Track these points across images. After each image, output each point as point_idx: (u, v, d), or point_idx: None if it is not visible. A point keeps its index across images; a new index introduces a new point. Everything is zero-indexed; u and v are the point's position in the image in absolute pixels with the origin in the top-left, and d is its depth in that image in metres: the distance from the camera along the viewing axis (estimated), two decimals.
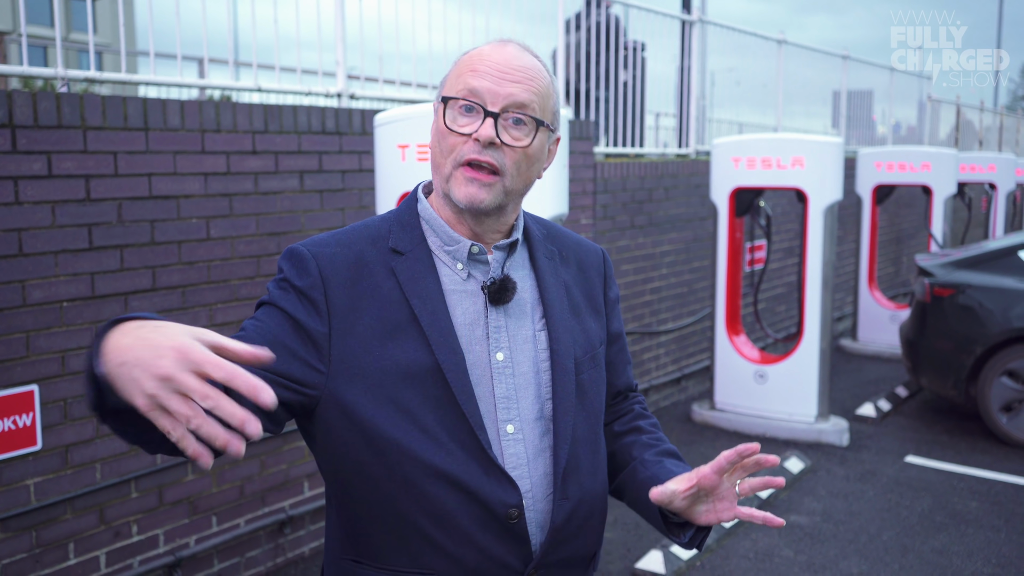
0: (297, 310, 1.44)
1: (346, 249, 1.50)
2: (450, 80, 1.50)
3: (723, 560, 4.58)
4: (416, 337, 1.46)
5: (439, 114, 1.49)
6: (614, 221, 6.56)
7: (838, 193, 6.34)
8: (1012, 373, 6.39)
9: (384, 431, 1.43)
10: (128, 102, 3.63)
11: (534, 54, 1.52)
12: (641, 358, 7.00)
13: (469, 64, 1.48)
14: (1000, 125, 18.93)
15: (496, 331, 1.51)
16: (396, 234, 1.53)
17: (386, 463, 1.44)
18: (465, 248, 1.52)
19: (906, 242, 12.44)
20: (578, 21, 7.20)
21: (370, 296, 1.47)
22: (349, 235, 1.54)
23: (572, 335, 1.58)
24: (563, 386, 1.54)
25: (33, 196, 3.37)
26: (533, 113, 1.47)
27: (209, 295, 3.98)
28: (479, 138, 1.44)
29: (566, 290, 1.62)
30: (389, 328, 1.46)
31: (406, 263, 1.50)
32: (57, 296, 3.47)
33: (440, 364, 1.45)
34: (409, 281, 1.48)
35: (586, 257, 1.71)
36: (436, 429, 1.44)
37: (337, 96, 4.86)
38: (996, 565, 4.55)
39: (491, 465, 1.46)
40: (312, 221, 4.36)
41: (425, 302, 1.47)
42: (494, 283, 1.51)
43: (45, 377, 3.46)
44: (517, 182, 1.49)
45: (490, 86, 1.44)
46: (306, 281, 1.46)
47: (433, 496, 1.44)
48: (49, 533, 3.51)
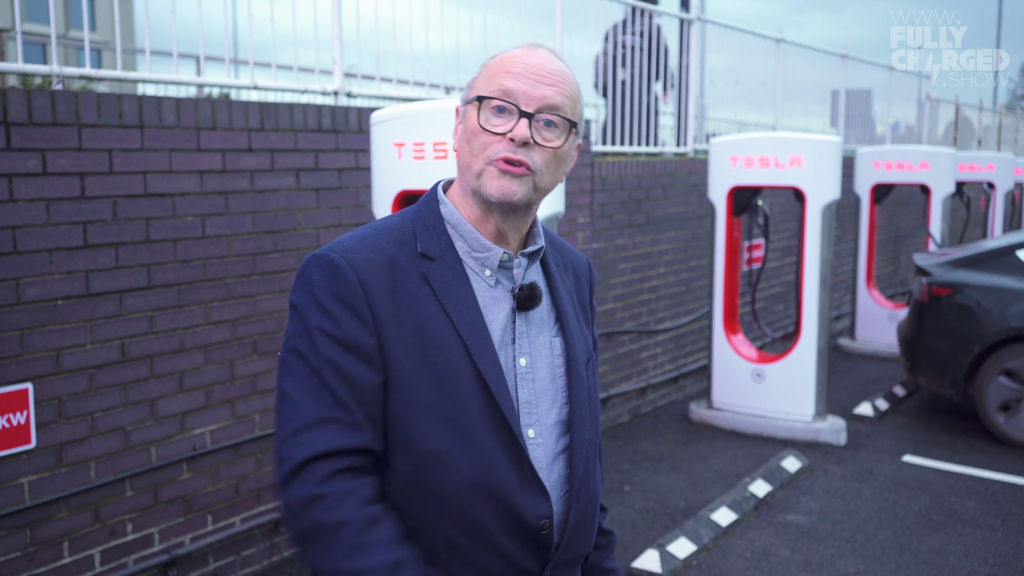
0: (345, 329, 1.42)
1: (379, 254, 1.48)
2: (482, 81, 1.51)
3: (719, 559, 4.57)
4: (456, 345, 1.46)
5: (471, 113, 1.50)
6: (612, 220, 6.55)
7: (836, 192, 6.33)
8: (1009, 372, 6.39)
9: (427, 442, 1.44)
10: (123, 99, 3.62)
11: (562, 59, 1.55)
12: (639, 357, 6.99)
13: (503, 66, 1.49)
14: (999, 124, 18.93)
15: (520, 337, 1.54)
16: (423, 238, 1.52)
17: (424, 474, 1.45)
18: (496, 256, 1.53)
19: (905, 241, 12.44)
20: (624, 27, 7.57)
21: (407, 302, 1.47)
22: (376, 239, 1.51)
23: (581, 342, 1.62)
24: (579, 392, 1.57)
25: (27, 194, 3.36)
26: (565, 115, 1.50)
27: (205, 293, 3.97)
28: (515, 137, 1.45)
29: (571, 297, 1.66)
30: (428, 336, 1.46)
31: (438, 269, 1.50)
32: (51, 294, 3.46)
33: (482, 372, 1.46)
34: (443, 289, 1.48)
35: (579, 265, 1.75)
36: (478, 437, 1.45)
37: (334, 94, 4.85)
38: (993, 565, 4.54)
39: (528, 473, 1.48)
40: (308, 219, 4.35)
41: (461, 310, 1.48)
42: (523, 290, 1.53)
43: (39, 375, 3.45)
44: (546, 181, 1.51)
45: (525, 88, 1.46)
46: (347, 290, 1.43)
47: (469, 508, 1.45)
48: (43, 531, 3.50)
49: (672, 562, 4.41)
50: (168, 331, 3.86)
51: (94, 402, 3.63)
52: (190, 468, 3.99)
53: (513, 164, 1.46)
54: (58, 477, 3.54)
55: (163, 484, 3.90)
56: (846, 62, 11.41)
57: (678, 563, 4.42)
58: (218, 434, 4.09)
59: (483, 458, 1.45)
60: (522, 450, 1.47)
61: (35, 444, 3.45)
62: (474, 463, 1.44)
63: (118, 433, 3.73)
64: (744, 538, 4.83)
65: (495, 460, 1.45)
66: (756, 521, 5.05)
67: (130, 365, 3.74)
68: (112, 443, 3.71)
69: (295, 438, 1.39)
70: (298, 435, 1.39)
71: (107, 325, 3.64)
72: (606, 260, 6.51)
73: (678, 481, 5.63)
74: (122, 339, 3.70)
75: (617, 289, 6.67)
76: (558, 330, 1.59)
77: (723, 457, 6.10)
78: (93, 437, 3.65)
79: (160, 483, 3.89)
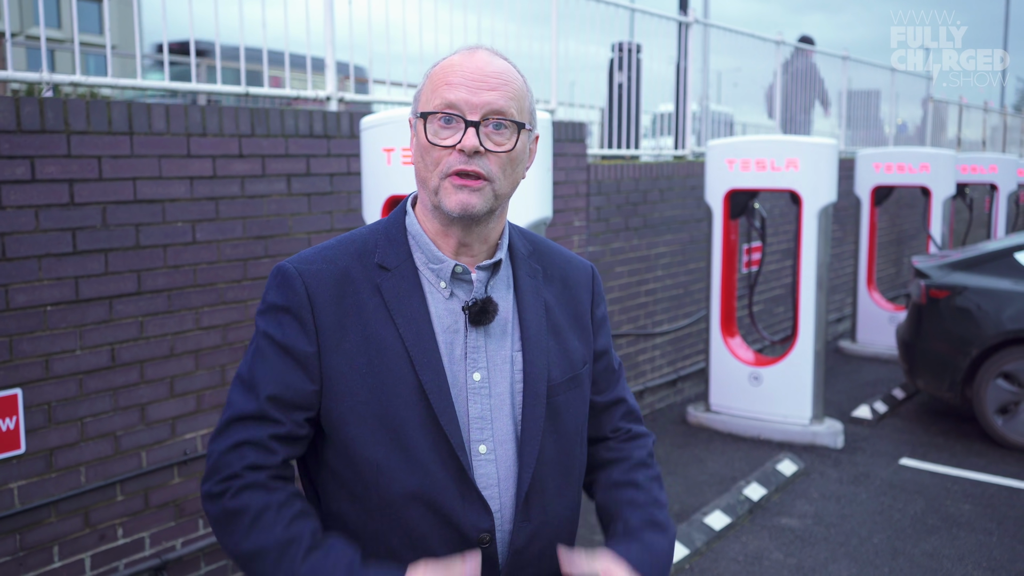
0: (286, 335, 1.48)
1: (331, 265, 1.51)
2: (425, 95, 1.50)
3: (712, 563, 4.57)
4: (400, 356, 1.47)
5: (419, 129, 1.49)
6: (608, 223, 6.55)
7: (832, 195, 6.32)
8: (1008, 375, 6.37)
9: (365, 450, 1.45)
10: (112, 106, 3.64)
11: (503, 57, 1.53)
12: (636, 360, 6.99)
13: (442, 77, 1.48)
14: (1004, 125, 18.86)
15: (474, 351, 1.52)
16: (383, 249, 1.54)
17: (364, 482, 1.46)
18: (448, 268, 1.53)
19: (907, 243, 12.40)
20: (786, 66, 10.08)
21: (356, 313, 1.48)
22: (335, 250, 1.55)
23: (548, 357, 1.57)
24: (532, 409, 1.53)
25: (16, 200, 3.38)
26: (512, 117, 1.47)
27: (195, 299, 3.99)
28: (463, 148, 1.44)
29: (546, 309, 1.60)
30: (374, 346, 1.47)
31: (392, 280, 1.51)
32: (41, 300, 3.47)
33: (423, 385, 1.46)
34: (394, 299, 1.50)
35: (574, 274, 1.69)
36: (417, 449, 1.45)
37: (326, 99, 4.86)
38: (987, 569, 4.53)
39: (468, 487, 1.47)
40: (300, 224, 4.36)
41: (410, 321, 1.49)
42: (475, 304, 1.51)
43: (29, 381, 3.47)
44: (504, 185, 1.50)
45: (466, 96, 1.45)
46: (292, 300, 1.49)
47: (408, 518, 1.46)
48: (33, 536, 3.52)
49: None
50: (159, 336, 3.88)
51: (84, 407, 3.65)
52: (181, 473, 4.00)
53: (468, 177, 1.45)
54: (48, 482, 3.56)
55: (154, 489, 3.91)
56: (847, 63, 11.38)
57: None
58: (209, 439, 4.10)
59: (420, 469, 1.45)
60: (460, 463, 1.46)
61: (25, 449, 3.47)
62: (411, 473, 1.45)
63: (108, 438, 3.74)
64: (737, 542, 4.82)
65: (433, 471, 1.45)
66: (750, 525, 5.04)
67: (120, 370, 3.76)
68: (102, 448, 3.72)
69: (225, 431, 1.49)
70: (227, 428, 1.49)
71: (97, 331, 3.66)
72: (603, 264, 6.51)
73: (673, 484, 5.63)
74: (112, 344, 3.72)
75: (614, 292, 6.66)
76: (520, 345, 1.56)
77: (719, 460, 6.09)
78: (83, 442, 3.66)
79: (151, 488, 3.90)
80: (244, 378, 1.51)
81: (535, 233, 1.71)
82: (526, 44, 6.37)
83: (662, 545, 1.58)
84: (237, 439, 1.46)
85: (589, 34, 6.86)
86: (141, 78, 4.20)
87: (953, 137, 15.58)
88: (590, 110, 7.84)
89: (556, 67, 6.43)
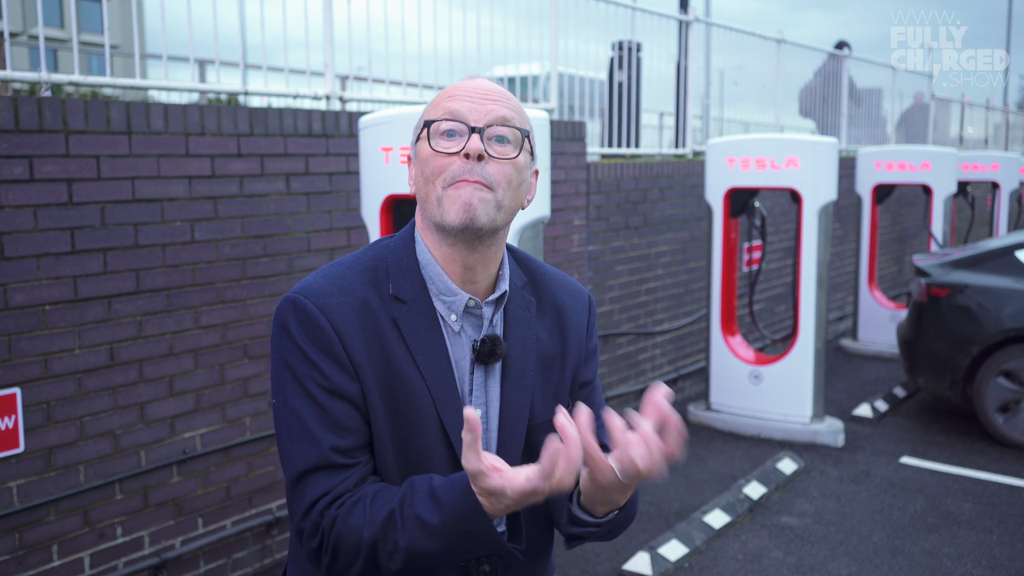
0: (329, 378, 1.42)
1: (350, 297, 1.46)
2: (428, 111, 1.50)
3: (711, 561, 4.57)
4: (423, 393, 1.45)
5: (422, 144, 1.48)
6: (608, 222, 6.55)
7: (832, 193, 6.31)
8: (1008, 373, 6.36)
9: (391, 482, 1.46)
10: (111, 106, 3.64)
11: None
12: (636, 359, 6.99)
13: (446, 93, 1.50)
14: (1007, 123, 18.83)
15: (478, 388, 1.52)
16: (396, 279, 1.49)
17: None
18: (462, 302, 1.50)
19: (909, 241, 12.39)
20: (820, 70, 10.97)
21: (379, 346, 1.45)
22: (348, 279, 1.48)
23: (532, 394, 1.56)
24: (508, 450, 1.53)
25: (14, 200, 3.38)
26: (515, 124, 1.47)
27: (194, 298, 3.99)
28: (468, 152, 1.42)
29: (537, 343, 1.58)
30: (398, 381, 1.45)
31: (409, 314, 1.47)
32: (39, 299, 3.48)
33: (444, 424, 1.46)
34: (412, 334, 1.46)
35: (570, 303, 1.65)
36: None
37: (326, 98, 4.87)
38: (987, 567, 4.52)
39: None
40: (299, 224, 4.37)
41: (430, 358, 1.46)
42: (484, 343, 1.49)
43: (27, 380, 3.47)
44: (508, 197, 1.46)
45: (471, 105, 1.46)
46: (322, 337, 1.42)
47: None
48: (32, 535, 3.52)
49: (663, 564, 4.41)
50: (157, 335, 3.88)
51: (83, 406, 3.66)
52: (180, 471, 4.01)
53: (471, 182, 1.44)
54: (47, 481, 3.57)
55: (153, 487, 3.92)
56: (848, 62, 11.36)
57: (669, 565, 4.42)
58: (208, 437, 4.11)
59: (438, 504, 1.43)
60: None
61: (23, 448, 3.48)
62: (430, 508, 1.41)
63: (107, 437, 3.75)
64: (737, 540, 4.82)
65: None
66: (750, 523, 5.04)
67: (119, 369, 3.76)
68: (102, 447, 3.73)
69: (296, 490, 1.44)
70: (296, 485, 1.44)
71: (96, 330, 3.67)
72: (602, 262, 6.51)
73: (673, 483, 5.63)
74: (111, 344, 3.72)
75: (614, 291, 6.66)
76: (501, 383, 1.55)
77: (720, 459, 6.09)
78: (82, 441, 3.67)
79: (150, 486, 3.91)
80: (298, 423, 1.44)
81: (530, 256, 1.67)
82: (526, 43, 6.36)
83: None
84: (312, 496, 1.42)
85: (589, 33, 6.86)
86: (140, 77, 4.20)
87: (955, 135, 15.55)
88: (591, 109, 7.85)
89: (556, 65, 6.42)
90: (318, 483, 1.41)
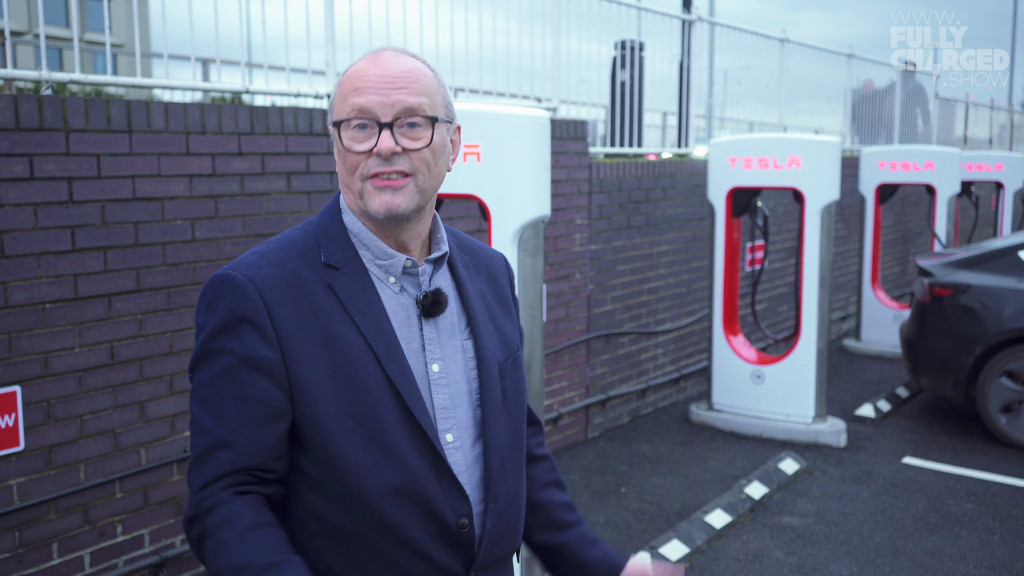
0: (247, 346, 1.44)
1: (280, 268, 1.48)
2: (336, 104, 1.51)
3: (713, 561, 4.56)
4: (365, 354, 1.47)
5: (335, 137, 1.50)
6: (610, 221, 6.54)
7: (835, 193, 6.30)
8: (1011, 374, 6.34)
9: (344, 452, 1.44)
10: (111, 104, 3.65)
11: (411, 54, 1.54)
12: (639, 358, 6.98)
13: (351, 84, 1.49)
14: (1011, 123, 18.78)
15: (430, 343, 1.54)
16: (327, 248, 1.52)
17: (344, 484, 1.45)
18: (400, 263, 1.54)
19: (912, 241, 12.36)
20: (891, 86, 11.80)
21: (312, 314, 1.47)
22: (277, 253, 1.51)
23: (494, 342, 1.62)
24: (490, 393, 1.57)
25: (15, 198, 3.39)
26: (424, 113, 1.49)
27: (194, 296, 3.99)
28: (380, 152, 1.45)
29: (483, 298, 1.66)
30: (337, 346, 1.46)
31: (343, 278, 1.50)
32: (39, 298, 3.48)
33: (392, 379, 1.47)
34: (349, 297, 1.49)
35: (493, 263, 1.75)
36: (395, 444, 1.46)
37: (327, 96, 4.86)
38: (989, 568, 4.51)
39: (446, 475, 1.50)
40: (299, 222, 4.36)
41: (368, 318, 1.48)
42: (427, 297, 1.54)
43: (28, 378, 3.48)
44: (428, 180, 1.51)
45: (377, 99, 1.46)
46: (248, 307, 1.44)
47: (390, 513, 1.46)
48: (32, 533, 3.53)
49: None
50: (158, 334, 3.88)
51: (83, 404, 3.66)
52: (181, 470, 4.01)
53: (389, 178, 1.47)
54: (47, 479, 3.57)
55: (153, 486, 3.92)
56: (852, 61, 11.35)
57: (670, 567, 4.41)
58: None
59: (400, 464, 1.46)
60: (438, 453, 1.49)
61: (24, 446, 3.48)
62: (392, 469, 1.45)
63: (108, 435, 3.75)
64: (738, 540, 4.81)
65: (413, 465, 1.46)
66: (751, 523, 5.03)
67: (119, 368, 3.77)
68: (102, 445, 3.73)
69: (197, 465, 1.44)
70: (199, 461, 1.44)
71: (96, 328, 3.67)
72: (604, 262, 6.51)
73: (675, 483, 5.62)
74: (111, 342, 3.73)
75: (616, 291, 6.66)
76: (469, 333, 1.59)
77: (721, 459, 6.08)
78: (82, 439, 3.67)
79: (150, 485, 3.91)
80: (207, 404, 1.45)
81: (453, 227, 1.74)
82: (527, 42, 6.35)
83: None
84: (212, 473, 1.42)
85: (591, 32, 6.86)
86: (142, 76, 4.20)
87: (959, 135, 15.52)
88: (594, 108, 7.84)
89: (557, 65, 6.42)
90: (220, 459, 1.42)
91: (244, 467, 1.43)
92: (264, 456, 1.44)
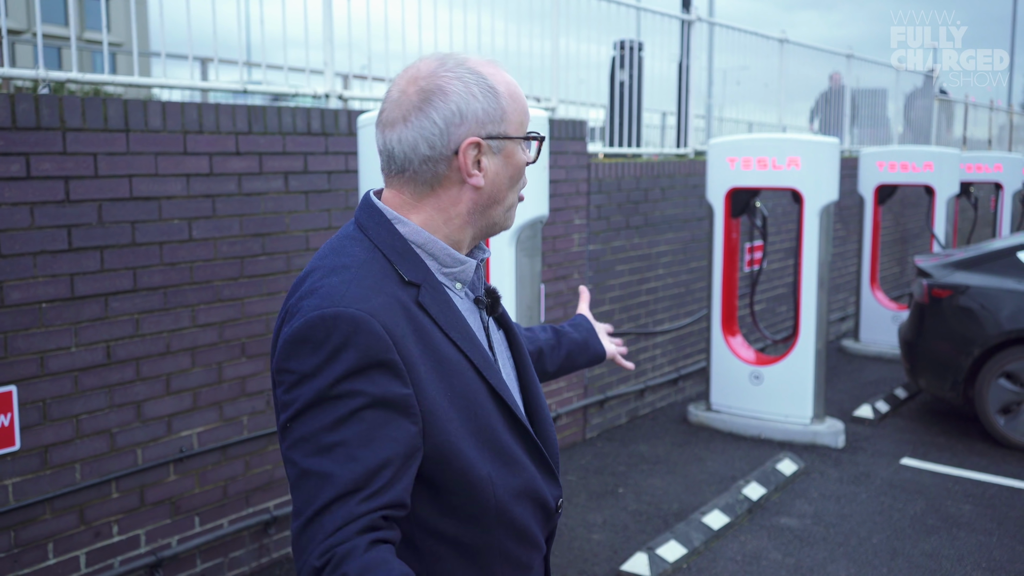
0: (379, 385, 1.32)
1: (386, 296, 1.38)
2: (516, 114, 1.48)
3: (710, 563, 4.55)
4: (468, 368, 1.45)
5: (518, 150, 1.49)
6: (609, 221, 6.53)
7: (834, 194, 6.30)
8: (1010, 375, 6.34)
9: (479, 470, 1.42)
10: (108, 103, 3.64)
11: None
12: (637, 359, 6.98)
13: (522, 100, 1.52)
14: (1011, 124, 18.78)
15: (498, 345, 1.60)
16: (400, 265, 1.44)
17: (481, 500, 1.44)
18: (471, 268, 1.53)
19: (911, 242, 12.36)
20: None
21: (420, 339, 1.40)
22: (369, 278, 1.40)
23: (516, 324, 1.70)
24: (532, 376, 1.64)
25: (11, 198, 3.38)
26: None
27: (192, 296, 3.99)
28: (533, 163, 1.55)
29: None
30: (446, 366, 1.42)
31: (428, 294, 1.44)
32: (36, 297, 3.47)
33: (494, 387, 1.49)
34: (439, 313, 1.44)
35: None
36: (510, 449, 1.50)
37: (325, 96, 4.85)
38: (986, 569, 4.51)
39: (547, 468, 1.57)
40: (297, 222, 4.36)
41: (460, 331, 1.46)
42: (489, 295, 1.59)
43: (24, 378, 3.47)
44: None
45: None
46: (380, 346, 1.33)
47: (519, 515, 1.50)
48: (28, 533, 3.52)
49: (661, 565, 4.39)
50: (154, 334, 3.87)
51: (79, 404, 3.65)
52: (177, 470, 4.00)
53: None
54: (43, 479, 3.56)
55: (150, 486, 3.91)
56: (852, 62, 11.34)
57: (667, 566, 4.41)
58: (205, 436, 4.10)
59: (518, 467, 1.50)
60: (538, 447, 1.55)
61: (19, 446, 3.47)
62: (514, 474, 1.49)
63: (104, 435, 3.74)
64: (736, 541, 4.80)
65: (527, 465, 1.52)
66: (749, 524, 5.03)
67: (116, 368, 3.76)
68: (98, 445, 3.72)
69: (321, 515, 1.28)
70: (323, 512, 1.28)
71: (92, 328, 3.66)
72: (603, 262, 6.50)
73: (673, 483, 5.61)
74: (107, 342, 3.72)
75: (615, 291, 6.65)
76: (498, 321, 1.64)
77: (719, 459, 6.08)
78: (79, 439, 3.66)
79: (147, 485, 3.90)
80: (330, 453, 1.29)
81: None
82: (526, 42, 6.34)
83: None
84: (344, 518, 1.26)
85: (590, 32, 6.85)
86: (139, 74, 4.19)
87: (959, 136, 15.51)
88: (593, 108, 7.83)
89: (556, 65, 6.41)
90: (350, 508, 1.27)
91: (377, 509, 1.29)
92: (398, 496, 1.32)
